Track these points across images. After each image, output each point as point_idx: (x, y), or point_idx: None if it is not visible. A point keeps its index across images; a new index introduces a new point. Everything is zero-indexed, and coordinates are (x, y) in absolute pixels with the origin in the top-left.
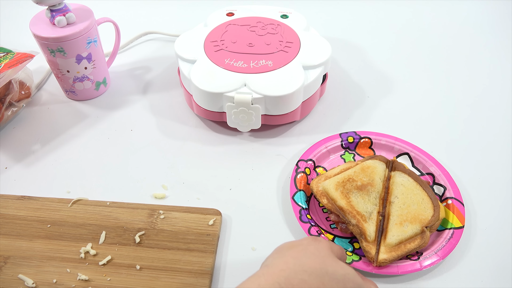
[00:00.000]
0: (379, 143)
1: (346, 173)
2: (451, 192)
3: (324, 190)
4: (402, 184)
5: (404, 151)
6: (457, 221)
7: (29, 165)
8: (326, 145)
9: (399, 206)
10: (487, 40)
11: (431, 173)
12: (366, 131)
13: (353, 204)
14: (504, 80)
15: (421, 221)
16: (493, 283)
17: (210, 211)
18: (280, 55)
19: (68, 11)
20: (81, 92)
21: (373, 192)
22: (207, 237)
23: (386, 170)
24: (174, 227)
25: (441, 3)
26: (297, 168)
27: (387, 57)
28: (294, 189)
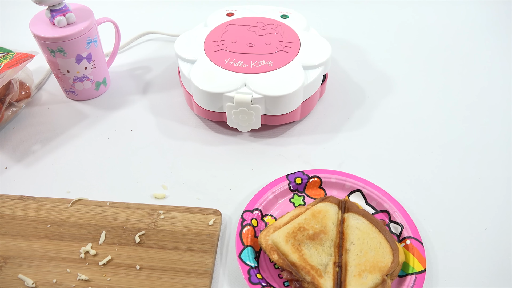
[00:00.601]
0: (329, 181)
1: (296, 221)
2: (408, 230)
3: (274, 244)
4: (357, 228)
5: (356, 188)
6: (418, 264)
7: (29, 165)
8: (273, 190)
9: (356, 254)
10: (487, 40)
11: (386, 210)
12: (314, 169)
13: (306, 258)
14: (504, 80)
15: (381, 269)
16: (493, 283)
17: (210, 211)
18: (280, 55)
19: (68, 11)
20: (81, 92)
21: (327, 240)
22: (207, 237)
23: (339, 212)
24: (174, 227)
25: (441, 3)
26: (243, 221)
27: (387, 57)
28: (241, 245)
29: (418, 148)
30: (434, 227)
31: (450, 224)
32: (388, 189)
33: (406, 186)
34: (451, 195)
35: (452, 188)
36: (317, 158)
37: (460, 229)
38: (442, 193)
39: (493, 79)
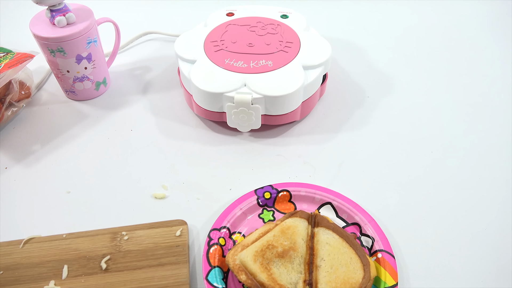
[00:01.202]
0: (298, 195)
1: (265, 239)
2: (380, 244)
3: (242, 264)
4: (328, 243)
5: (326, 201)
6: (390, 278)
7: (29, 165)
8: (241, 206)
9: (327, 270)
10: (488, 41)
11: (356, 222)
12: (283, 183)
13: (275, 277)
14: (505, 81)
15: (352, 285)
16: (493, 283)
17: (175, 222)
18: (280, 55)
19: (68, 11)
20: (81, 92)
21: (296, 257)
22: (177, 248)
23: (309, 227)
24: (140, 246)
25: (440, 3)
26: (210, 240)
27: (387, 57)
28: (208, 266)
29: (418, 148)
30: (433, 227)
31: (451, 224)
32: (388, 189)
33: (406, 185)
34: (451, 195)
35: (452, 188)
36: (317, 158)
37: (460, 229)
38: (442, 193)
39: (494, 80)
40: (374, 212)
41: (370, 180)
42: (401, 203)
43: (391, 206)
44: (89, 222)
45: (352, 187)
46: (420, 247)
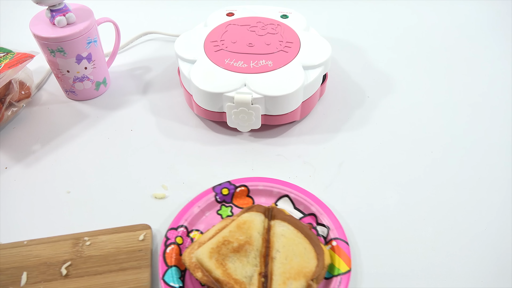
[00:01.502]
0: (256, 189)
1: (221, 235)
2: (335, 232)
3: (198, 261)
4: (283, 235)
5: (284, 193)
6: (343, 264)
7: (29, 165)
8: (198, 204)
9: (281, 262)
10: (488, 41)
11: (313, 213)
12: (241, 178)
13: (230, 272)
14: (505, 81)
15: (305, 274)
16: (493, 283)
17: (139, 226)
18: (280, 55)
19: (68, 11)
20: (81, 92)
21: (251, 251)
22: (140, 253)
23: (266, 221)
24: (102, 251)
25: (441, 3)
26: (166, 240)
27: (387, 57)
28: (164, 266)
29: (418, 148)
30: (433, 227)
31: (451, 224)
32: (388, 189)
33: (406, 185)
34: (451, 195)
35: (452, 188)
36: (317, 158)
37: (460, 229)
38: (442, 193)
39: (494, 80)
40: (374, 212)
41: (370, 180)
42: (401, 203)
43: (391, 206)
44: (89, 222)
45: (352, 187)
46: (420, 247)
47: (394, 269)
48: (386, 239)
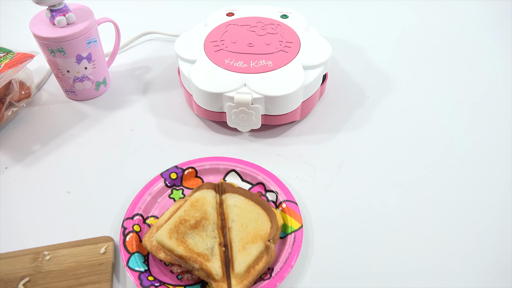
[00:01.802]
0: (203, 169)
1: (176, 215)
2: (283, 195)
3: (159, 243)
4: (235, 205)
5: (230, 169)
6: (295, 222)
7: (29, 165)
8: (150, 191)
9: (238, 229)
10: (488, 41)
11: (260, 182)
12: (187, 161)
13: (192, 247)
14: (505, 81)
15: (262, 237)
16: (493, 283)
17: (101, 239)
18: (280, 55)
19: (68, 11)
20: (81, 92)
21: (209, 225)
22: (100, 266)
23: (217, 196)
24: (62, 266)
25: (441, 3)
26: (124, 230)
27: (387, 57)
28: (127, 254)
29: (418, 148)
30: (433, 227)
31: (451, 224)
32: (388, 189)
33: (406, 185)
34: (451, 195)
35: (452, 188)
36: (317, 158)
37: (460, 229)
38: (442, 193)
39: (494, 80)
40: (374, 212)
41: (370, 180)
42: (401, 203)
43: (391, 206)
44: (89, 222)
45: (352, 187)
46: (420, 247)
47: (394, 269)
48: (386, 239)
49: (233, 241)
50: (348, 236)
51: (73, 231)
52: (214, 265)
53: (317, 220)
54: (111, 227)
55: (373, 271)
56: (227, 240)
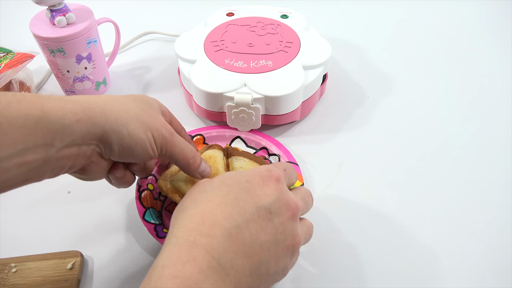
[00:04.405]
0: (210, 136)
1: None
2: (284, 157)
3: (174, 187)
4: (241, 167)
5: (235, 135)
6: (298, 182)
7: None
8: None
9: None
10: (487, 39)
11: (264, 147)
12: (195, 129)
13: None
14: (503, 79)
15: None
16: (493, 283)
17: (70, 253)
18: (280, 55)
19: (68, 11)
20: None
21: None
22: (65, 283)
23: (224, 158)
24: (27, 280)
25: (441, 3)
26: (139, 187)
27: (387, 57)
28: (142, 208)
29: (418, 148)
30: (433, 227)
31: (450, 224)
32: (388, 189)
33: (406, 185)
34: (451, 195)
35: (452, 188)
36: (317, 158)
37: (460, 229)
38: (442, 193)
39: (493, 78)
40: (374, 211)
41: (370, 180)
42: (401, 203)
43: (391, 206)
44: (89, 222)
45: (352, 187)
46: (420, 247)
47: (394, 269)
48: (386, 239)
49: None
50: (348, 236)
51: (72, 233)
52: None
53: (317, 220)
54: (110, 228)
55: (373, 271)
56: None
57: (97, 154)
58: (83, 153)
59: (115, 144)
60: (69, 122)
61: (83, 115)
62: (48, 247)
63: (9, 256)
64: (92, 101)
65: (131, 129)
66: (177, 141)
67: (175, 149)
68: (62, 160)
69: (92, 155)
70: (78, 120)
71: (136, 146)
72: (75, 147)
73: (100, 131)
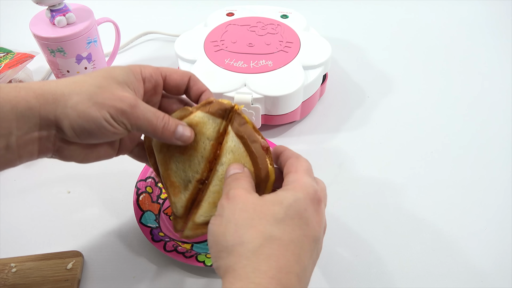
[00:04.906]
0: None
1: None
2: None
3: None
4: (232, 151)
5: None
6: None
7: (29, 165)
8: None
9: (220, 179)
10: (487, 39)
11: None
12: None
13: (170, 173)
14: (503, 78)
15: None
16: (493, 283)
17: (70, 254)
18: (280, 55)
19: (68, 11)
20: None
21: (196, 156)
22: (65, 283)
23: (222, 123)
24: (27, 280)
25: (441, 3)
26: (138, 190)
27: (387, 57)
28: (139, 211)
29: (418, 148)
30: (433, 227)
31: (451, 224)
32: (388, 189)
33: (406, 185)
34: (451, 195)
35: (452, 188)
36: (317, 158)
37: (460, 229)
38: (442, 193)
39: (493, 78)
40: (374, 211)
41: (370, 180)
42: (401, 203)
43: (391, 206)
44: (89, 222)
45: (352, 187)
46: (420, 247)
47: (394, 269)
48: (386, 239)
49: (209, 188)
50: (348, 236)
51: (72, 233)
52: (179, 203)
53: None
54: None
55: (373, 271)
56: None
57: (61, 139)
58: (46, 137)
59: (67, 128)
60: (22, 110)
61: (35, 102)
62: (48, 247)
63: (9, 256)
64: (46, 87)
65: (81, 110)
66: (142, 112)
67: (139, 121)
68: (27, 146)
69: (56, 140)
70: (30, 107)
71: (90, 125)
72: (35, 133)
73: (52, 117)
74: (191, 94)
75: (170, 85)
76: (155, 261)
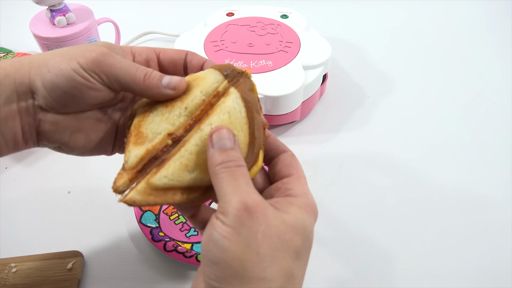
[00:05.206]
0: None
1: None
2: None
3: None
4: (229, 113)
5: None
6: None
7: (29, 165)
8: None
9: (203, 140)
10: (486, 39)
11: None
12: None
13: (142, 123)
14: (502, 77)
15: None
16: (493, 283)
17: (70, 253)
18: (280, 55)
19: (68, 11)
20: None
21: (178, 108)
22: (65, 283)
23: (224, 82)
24: (27, 279)
25: (440, 3)
26: None
27: (387, 57)
28: (140, 211)
29: (418, 147)
30: (434, 226)
31: (451, 224)
32: (388, 189)
33: (406, 185)
34: (450, 195)
35: (452, 188)
36: (317, 158)
37: (460, 229)
38: (442, 193)
39: (493, 77)
40: (374, 211)
41: (370, 180)
42: (401, 203)
43: (391, 206)
44: (89, 222)
45: (352, 187)
46: (420, 247)
47: (394, 269)
48: (386, 239)
49: (185, 147)
50: (348, 236)
51: (72, 233)
52: (133, 152)
53: (317, 220)
54: (108, 230)
55: (373, 271)
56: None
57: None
58: (25, 110)
59: (39, 87)
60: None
61: (11, 69)
62: (48, 247)
63: (9, 256)
64: (25, 57)
65: (51, 64)
66: (117, 60)
67: (114, 70)
68: (7, 121)
69: (36, 113)
70: (7, 74)
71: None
72: (14, 104)
73: (27, 80)
74: (192, 68)
75: (166, 60)
76: (155, 261)
